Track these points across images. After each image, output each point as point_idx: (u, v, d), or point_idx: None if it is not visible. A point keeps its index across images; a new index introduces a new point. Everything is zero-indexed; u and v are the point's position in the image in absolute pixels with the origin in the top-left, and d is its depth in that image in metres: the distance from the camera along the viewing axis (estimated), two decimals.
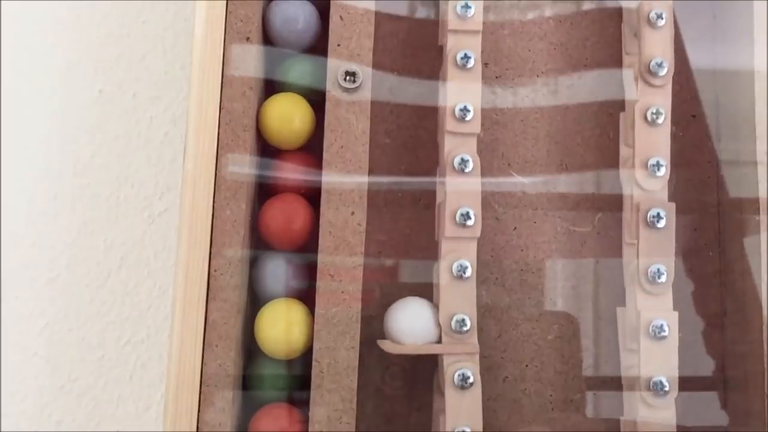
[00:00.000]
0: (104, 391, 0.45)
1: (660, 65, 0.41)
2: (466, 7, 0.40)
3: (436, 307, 0.40)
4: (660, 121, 0.41)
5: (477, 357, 0.39)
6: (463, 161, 0.40)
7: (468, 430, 0.38)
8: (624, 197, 0.43)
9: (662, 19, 0.41)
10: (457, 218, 0.39)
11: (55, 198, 0.46)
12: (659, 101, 0.41)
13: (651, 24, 0.41)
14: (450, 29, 0.40)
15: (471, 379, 0.38)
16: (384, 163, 0.44)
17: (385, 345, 0.39)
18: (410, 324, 0.39)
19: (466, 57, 0.40)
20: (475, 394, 0.38)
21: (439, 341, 0.39)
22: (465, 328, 0.39)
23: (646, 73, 0.41)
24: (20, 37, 0.47)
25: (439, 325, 0.39)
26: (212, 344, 0.37)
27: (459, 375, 0.38)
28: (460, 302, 0.39)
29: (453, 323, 0.39)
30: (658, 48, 0.42)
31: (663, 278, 0.40)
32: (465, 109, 0.40)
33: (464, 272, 0.39)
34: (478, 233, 0.39)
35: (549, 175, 0.45)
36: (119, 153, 0.47)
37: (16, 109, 0.47)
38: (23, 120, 0.47)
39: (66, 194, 0.46)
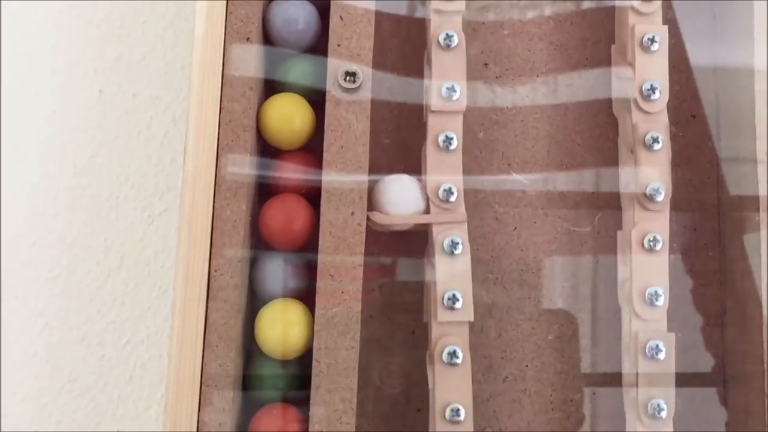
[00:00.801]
0: (104, 391, 0.45)
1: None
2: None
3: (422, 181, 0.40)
4: (655, 48, 0.41)
5: (465, 226, 0.40)
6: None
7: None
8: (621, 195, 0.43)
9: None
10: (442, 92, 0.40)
11: (55, 198, 0.46)
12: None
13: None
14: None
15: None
16: (384, 163, 0.44)
17: (375, 216, 0.40)
18: (398, 196, 0.40)
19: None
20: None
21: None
22: (452, 198, 0.39)
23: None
24: (20, 37, 0.47)
25: (426, 199, 0.40)
26: (212, 344, 0.37)
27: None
28: (446, 173, 0.40)
29: (440, 192, 0.39)
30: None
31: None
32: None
33: (450, 143, 0.40)
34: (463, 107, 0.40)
35: (549, 175, 0.45)
36: (119, 153, 0.47)
37: (16, 109, 0.47)
38: (23, 120, 0.47)
39: (66, 194, 0.46)
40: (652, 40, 0.41)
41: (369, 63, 0.40)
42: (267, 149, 0.42)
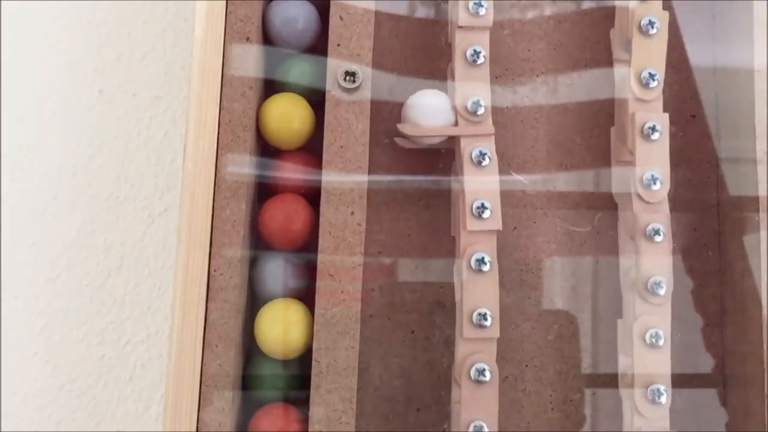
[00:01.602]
0: (104, 391, 0.45)
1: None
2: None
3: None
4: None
5: (492, 139, 0.40)
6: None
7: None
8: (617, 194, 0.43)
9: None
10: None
11: (55, 198, 0.46)
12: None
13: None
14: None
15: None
16: (384, 163, 0.44)
17: (406, 128, 0.40)
18: (427, 110, 0.40)
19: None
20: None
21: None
22: (480, 111, 0.40)
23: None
24: (20, 37, 0.47)
25: (454, 115, 0.40)
26: (212, 344, 0.37)
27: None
28: (474, 87, 0.40)
29: (469, 105, 0.40)
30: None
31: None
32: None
33: (477, 58, 0.40)
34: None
35: (548, 175, 0.45)
36: (119, 153, 0.47)
37: (16, 109, 0.47)
38: (23, 120, 0.47)
39: (66, 194, 0.46)
40: (653, 129, 0.40)
41: (369, 63, 0.40)
42: (267, 149, 0.42)
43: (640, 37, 0.41)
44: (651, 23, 0.41)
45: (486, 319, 0.38)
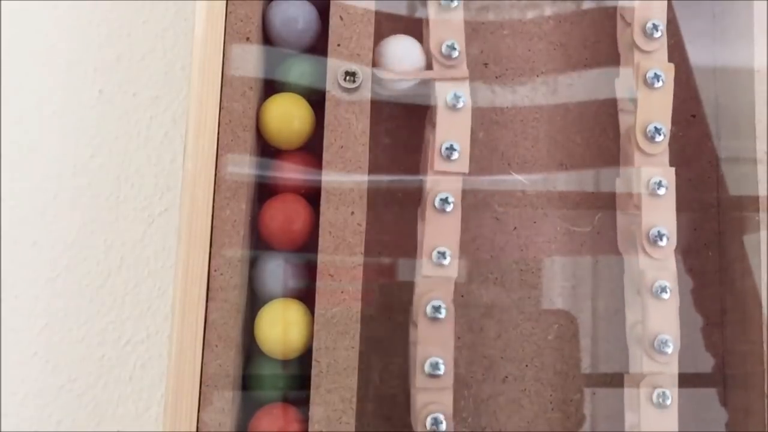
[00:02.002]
0: (104, 391, 0.45)
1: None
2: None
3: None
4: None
5: (467, 83, 0.40)
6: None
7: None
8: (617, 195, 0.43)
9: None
10: None
11: (55, 198, 0.46)
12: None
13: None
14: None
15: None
16: (384, 163, 0.44)
17: (381, 72, 0.40)
18: (400, 53, 0.41)
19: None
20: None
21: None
22: (454, 54, 0.40)
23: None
24: (20, 37, 0.47)
25: (428, 55, 0.41)
26: (212, 344, 0.37)
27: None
28: (448, 31, 0.41)
29: (443, 49, 0.40)
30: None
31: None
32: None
33: (451, 2, 0.40)
34: None
35: (549, 175, 0.45)
36: (119, 153, 0.47)
37: (16, 109, 0.47)
38: (23, 120, 0.47)
39: (66, 194, 0.46)
40: (659, 185, 0.40)
41: (369, 63, 0.40)
42: (267, 149, 0.42)
43: (646, 91, 0.41)
44: (657, 76, 0.40)
45: (445, 258, 0.39)
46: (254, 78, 0.40)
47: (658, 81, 0.40)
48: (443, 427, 0.38)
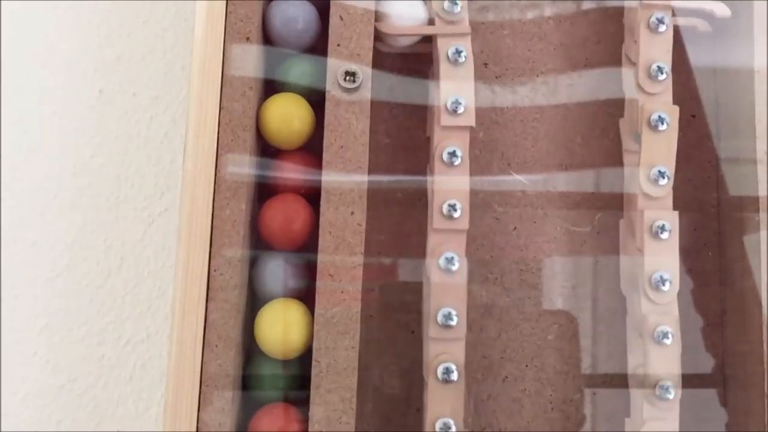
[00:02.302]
0: (104, 391, 0.45)
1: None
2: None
3: None
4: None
5: (469, 38, 0.41)
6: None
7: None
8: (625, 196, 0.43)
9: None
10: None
11: (55, 198, 0.46)
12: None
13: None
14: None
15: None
16: (384, 163, 0.44)
17: (383, 26, 0.41)
18: (402, 9, 0.41)
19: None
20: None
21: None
22: (456, 9, 0.40)
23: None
24: (20, 37, 0.47)
25: (429, 9, 0.41)
26: (212, 344, 0.37)
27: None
28: None
29: (445, 4, 0.40)
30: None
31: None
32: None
33: None
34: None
35: (549, 175, 0.45)
36: (119, 153, 0.47)
37: (17, 109, 0.47)
38: (23, 120, 0.47)
39: (66, 194, 0.46)
40: (662, 228, 0.40)
41: (369, 63, 0.40)
42: (267, 149, 0.42)
43: (650, 133, 0.40)
44: (661, 119, 0.40)
45: (455, 210, 0.39)
46: (254, 78, 0.40)
47: (663, 124, 0.40)
48: (454, 376, 0.38)
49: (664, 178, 0.40)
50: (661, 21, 0.41)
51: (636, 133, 0.41)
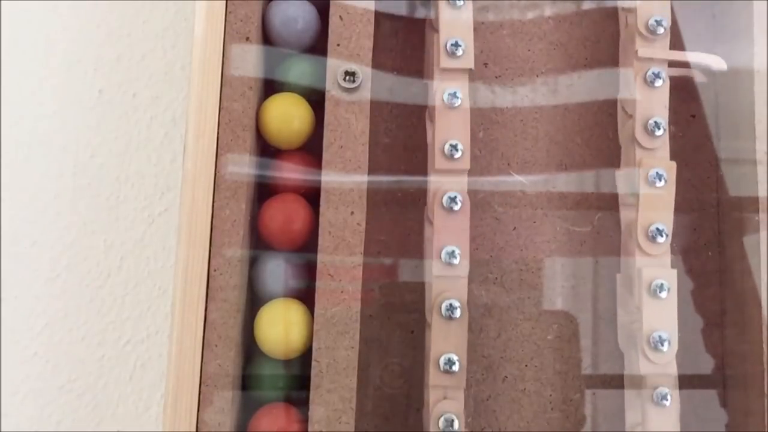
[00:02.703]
0: (104, 391, 0.45)
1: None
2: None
3: None
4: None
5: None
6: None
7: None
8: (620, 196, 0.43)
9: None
10: None
11: (55, 198, 0.46)
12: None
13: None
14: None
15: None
16: (384, 163, 0.44)
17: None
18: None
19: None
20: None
21: None
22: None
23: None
24: (20, 37, 0.47)
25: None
26: (212, 344, 0.37)
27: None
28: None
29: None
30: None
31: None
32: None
33: None
34: None
35: (549, 175, 0.45)
36: (119, 153, 0.47)
37: (16, 109, 0.47)
38: (23, 120, 0.47)
39: (66, 194, 0.46)
40: (661, 288, 0.39)
41: (369, 63, 0.40)
42: (266, 149, 0.42)
43: (648, 190, 0.40)
44: (659, 176, 0.40)
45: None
46: (254, 78, 0.40)
47: (660, 180, 0.40)
48: (458, 313, 0.38)
49: (662, 235, 0.40)
50: (657, 76, 0.41)
51: (633, 193, 0.41)
